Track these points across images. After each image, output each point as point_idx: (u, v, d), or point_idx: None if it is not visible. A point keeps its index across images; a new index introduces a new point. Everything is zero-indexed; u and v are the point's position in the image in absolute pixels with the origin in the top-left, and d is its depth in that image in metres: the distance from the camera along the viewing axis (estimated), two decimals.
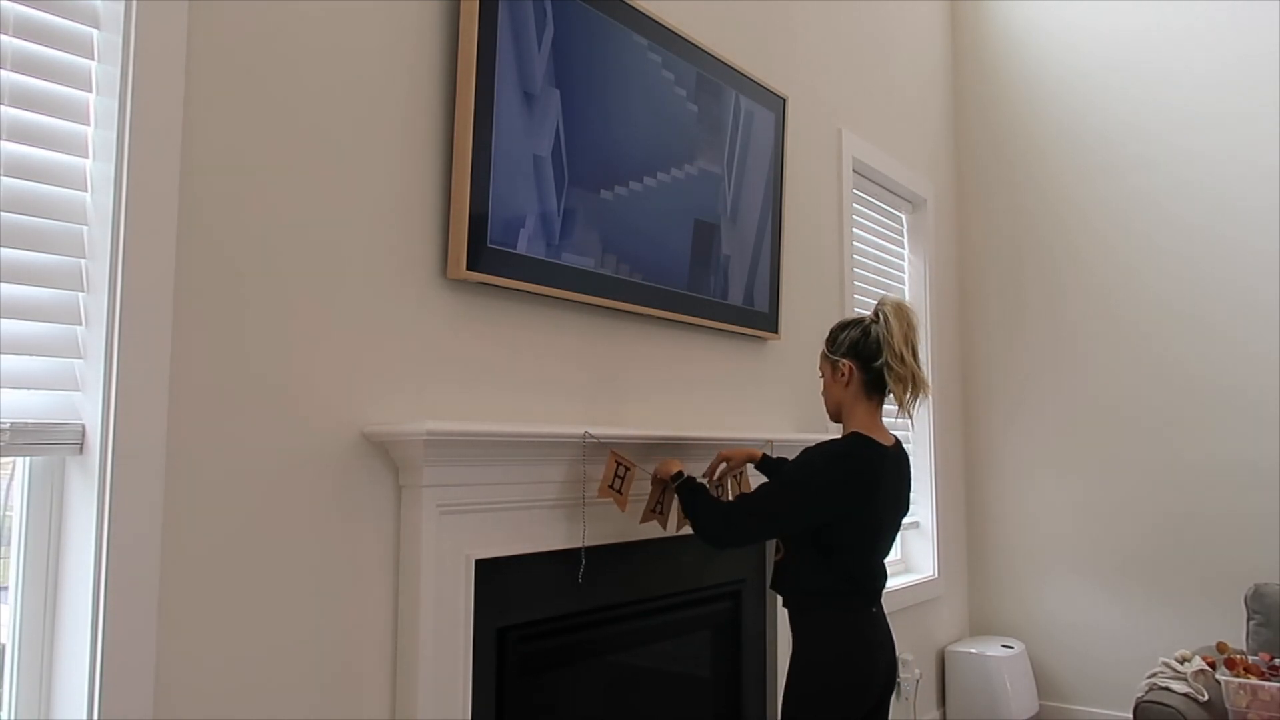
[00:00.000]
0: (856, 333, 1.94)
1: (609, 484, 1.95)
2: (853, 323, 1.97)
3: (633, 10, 2.21)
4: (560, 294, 2.01)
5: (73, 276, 1.35)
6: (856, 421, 1.94)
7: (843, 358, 1.94)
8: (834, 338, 1.98)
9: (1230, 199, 3.66)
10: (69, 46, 1.36)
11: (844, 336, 1.95)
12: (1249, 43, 3.67)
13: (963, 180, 4.39)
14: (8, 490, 1.35)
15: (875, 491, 1.87)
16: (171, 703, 1.37)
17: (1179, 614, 3.65)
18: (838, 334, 1.98)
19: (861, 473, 1.85)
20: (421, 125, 1.80)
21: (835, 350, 1.96)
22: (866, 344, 1.91)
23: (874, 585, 1.92)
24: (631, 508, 2.09)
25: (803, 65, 3.12)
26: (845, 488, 1.84)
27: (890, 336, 1.87)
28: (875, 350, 1.90)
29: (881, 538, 1.94)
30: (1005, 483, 4.15)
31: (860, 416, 1.93)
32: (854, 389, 1.94)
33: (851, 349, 1.93)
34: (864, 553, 1.90)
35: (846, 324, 1.98)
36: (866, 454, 1.87)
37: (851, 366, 1.93)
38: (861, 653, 1.86)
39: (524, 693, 1.91)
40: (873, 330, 1.91)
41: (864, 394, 1.93)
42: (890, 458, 1.92)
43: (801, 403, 3.00)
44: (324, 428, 1.60)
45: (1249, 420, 3.56)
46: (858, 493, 1.85)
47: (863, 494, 1.85)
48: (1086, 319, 3.97)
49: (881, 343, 1.89)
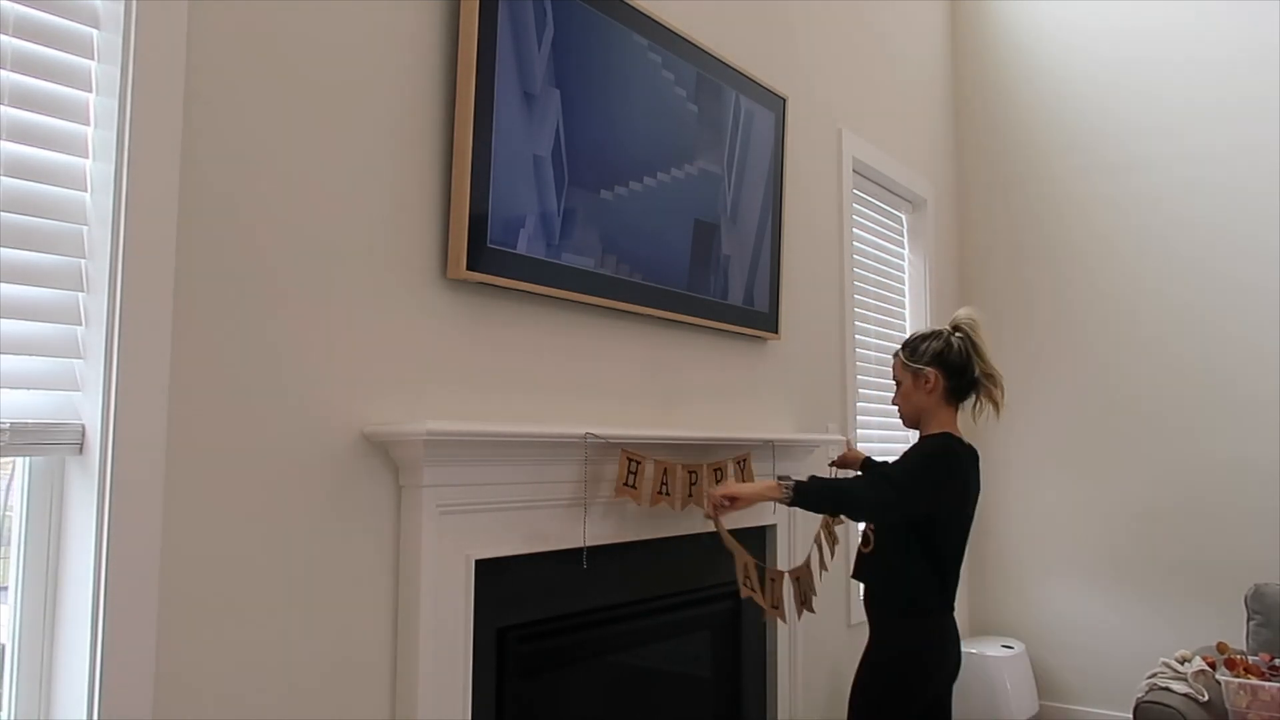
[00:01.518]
0: (939, 344, 2.08)
1: (624, 481, 1.99)
2: (932, 334, 2.11)
3: (633, 10, 2.21)
4: (560, 294, 2.01)
5: (73, 276, 1.35)
6: (940, 424, 2.07)
7: (927, 366, 2.07)
8: (914, 348, 2.12)
9: (1231, 198, 3.66)
10: (69, 46, 1.36)
11: (926, 347, 2.09)
12: (1249, 42, 3.67)
13: (963, 180, 4.39)
14: (8, 490, 1.35)
15: (967, 493, 2.04)
16: (171, 703, 1.37)
17: (1179, 614, 3.65)
18: (918, 344, 2.11)
19: (959, 469, 2.01)
20: (421, 125, 1.80)
21: (918, 359, 2.09)
22: (950, 354, 2.06)
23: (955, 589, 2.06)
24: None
25: (803, 65, 3.12)
26: (952, 481, 2.00)
27: (981, 346, 2.05)
28: (961, 359, 2.05)
29: (965, 540, 2.07)
30: (1005, 483, 4.15)
31: (944, 420, 2.08)
32: (937, 396, 2.08)
33: (936, 358, 2.07)
34: (957, 557, 2.04)
35: (926, 335, 2.12)
36: (961, 452, 2.03)
37: (936, 374, 2.06)
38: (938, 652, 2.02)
39: (524, 693, 1.91)
40: (954, 341, 2.06)
41: (945, 400, 2.08)
42: (974, 460, 2.08)
43: (801, 403, 3.00)
44: (324, 428, 1.60)
45: (1249, 420, 3.56)
46: (957, 487, 2.01)
47: (960, 489, 2.02)
48: (1087, 319, 3.97)
49: (969, 354, 2.06)
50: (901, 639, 2.02)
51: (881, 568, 2.06)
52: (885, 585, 2.06)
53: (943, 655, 2.03)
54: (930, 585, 2.00)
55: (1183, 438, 3.70)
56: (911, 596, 2.02)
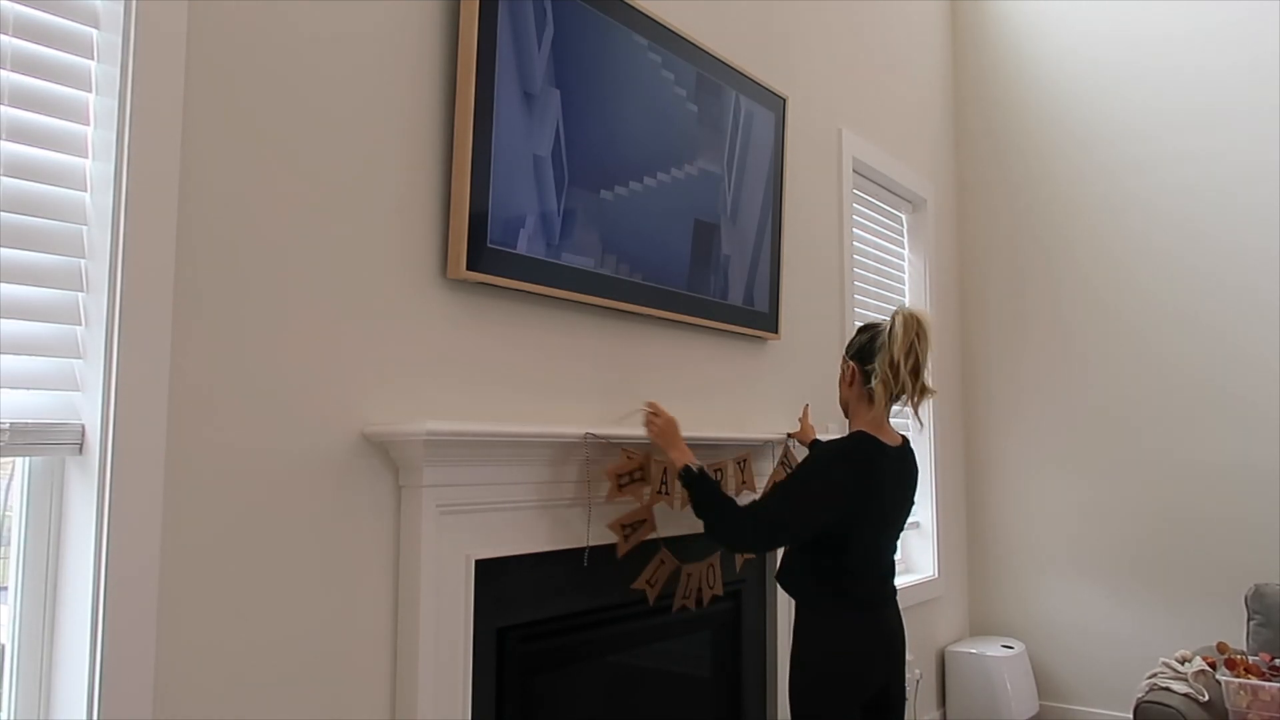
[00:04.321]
0: (865, 337, 2.01)
1: (624, 481, 1.98)
2: (868, 327, 2.04)
3: (633, 10, 2.21)
4: (560, 294, 2.01)
5: (73, 276, 1.35)
6: (860, 420, 2.01)
7: (850, 359, 2.03)
8: (850, 340, 2.07)
9: (1231, 199, 3.66)
10: (69, 46, 1.36)
11: (856, 339, 2.04)
12: (1249, 43, 3.67)
13: (963, 180, 4.39)
14: (8, 490, 1.35)
15: (877, 490, 1.90)
16: (171, 703, 1.37)
17: (1179, 614, 3.65)
18: (853, 337, 2.06)
19: (861, 471, 1.89)
20: (421, 125, 1.80)
21: (846, 351, 2.06)
22: (871, 348, 1.97)
23: (877, 585, 1.96)
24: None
25: (803, 65, 3.12)
26: (846, 487, 1.87)
27: (891, 344, 1.91)
28: (873, 356, 1.95)
29: (885, 536, 1.97)
30: (1005, 483, 4.15)
31: (864, 415, 1.99)
32: (856, 389, 2.01)
33: (858, 352, 2.01)
34: (867, 553, 1.93)
35: (864, 328, 2.05)
36: (866, 451, 1.91)
37: (854, 368, 2.01)
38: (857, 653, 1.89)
39: (524, 693, 1.91)
40: (880, 336, 1.96)
41: (866, 395, 1.98)
42: (892, 456, 1.96)
43: (801, 403, 3.00)
44: (324, 428, 1.60)
45: (1249, 420, 3.56)
46: (859, 491, 1.88)
47: (863, 493, 1.89)
48: (1086, 319, 3.97)
49: (880, 348, 1.93)
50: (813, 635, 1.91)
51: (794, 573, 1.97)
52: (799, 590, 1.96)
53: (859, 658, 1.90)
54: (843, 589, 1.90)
55: (1183, 437, 3.70)
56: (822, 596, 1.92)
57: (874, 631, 1.92)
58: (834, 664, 1.89)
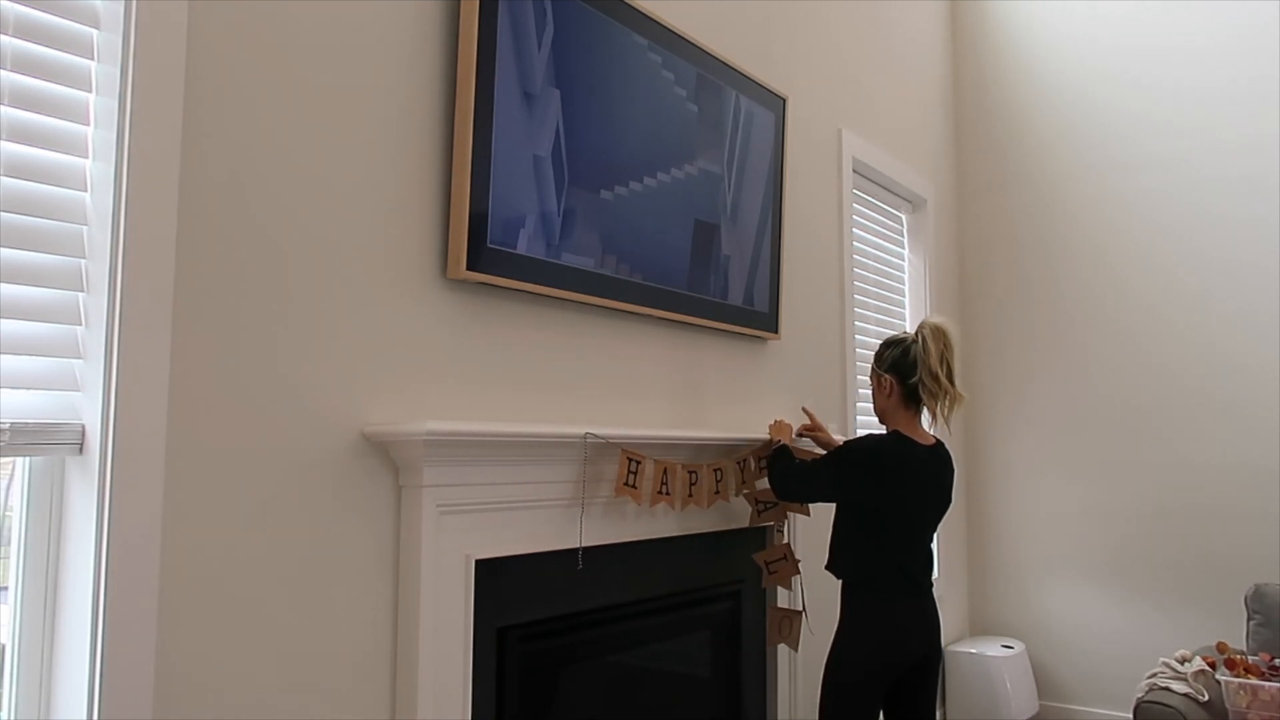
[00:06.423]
0: (898, 351, 2.20)
1: (624, 481, 2.00)
2: (896, 341, 2.23)
3: (633, 10, 2.21)
4: (560, 294, 2.01)
5: (73, 276, 1.35)
6: (895, 425, 2.21)
7: (885, 373, 2.21)
8: (880, 354, 2.25)
9: (1231, 200, 3.66)
10: (69, 46, 1.36)
11: (888, 354, 2.22)
12: (1249, 45, 3.67)
13: (963, 180, 4.39)
14: (8, 490, 1.35)
15: (905, 484, 2.11)
16: (171, 703, 1.37)
17: (1179, 614, 3.65)
18: (883, 351, 2.24)
19: (887, 465, 2.10)
20: (421, 125, 1.80)
21: (880, 366, 2.23)
22: (905, 362, 2.17)
23: (911, 574, 2.14)
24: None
25: (803, 65, 3.12)
26: (871, 475, 2.09)
27: (926, 356, 2.13)
28: (912, 368, 2.16)
29: (917, 530, 2.17)
30: (1005, 483, 4.15)
31: (900, 421, 2.20)
32: (894, 400, 2.20)
33: (892, 366, 2.19)
34: (900, 543, 2.13)
35: (891, 342, 2.24)
36: (898, 449, 2.13)
37: (892, 381, 2.19)
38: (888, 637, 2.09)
39: (524, 693, 1.91)
40: (911, 350, 2.16)
41: (902, 404, 2.19)
42: (924, 455, 2.16)
43: (801, 403, 3.00)
44: (324, 428, 1.60)
45: (1249, 420, 3.56)
46: (882, 482, 2.09)
47: (888, 484, 2.09)
48: (1087, 319, 3.97)
49: (918, 362, 2.14)
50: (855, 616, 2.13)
51: (839, 559, 2.20)
52: (841, 574, 2.18)
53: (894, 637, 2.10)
54: (875, 564, 2.12)
55: (1183, 437, 3.70)
56: (856, 568, 2.15)
57: (910, 615, 2.11)
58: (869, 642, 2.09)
